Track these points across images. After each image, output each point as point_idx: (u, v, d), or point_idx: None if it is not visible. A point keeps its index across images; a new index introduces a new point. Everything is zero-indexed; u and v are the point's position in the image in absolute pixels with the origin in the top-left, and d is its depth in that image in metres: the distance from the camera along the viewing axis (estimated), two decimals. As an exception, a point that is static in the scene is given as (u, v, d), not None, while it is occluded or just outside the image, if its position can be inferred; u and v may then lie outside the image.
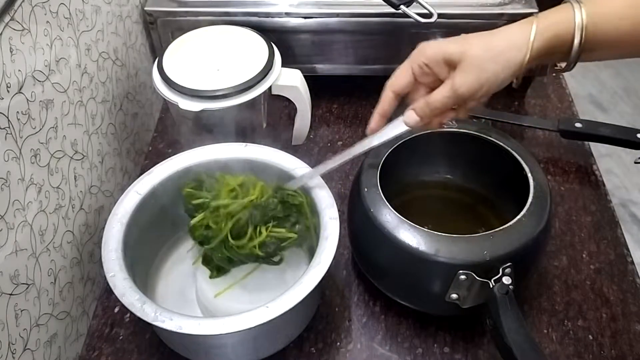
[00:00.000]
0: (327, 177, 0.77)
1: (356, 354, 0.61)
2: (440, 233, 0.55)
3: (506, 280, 0.52)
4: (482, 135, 0.63)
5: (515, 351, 0.49)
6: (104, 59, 0.71)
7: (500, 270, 0.53)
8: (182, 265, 0.65)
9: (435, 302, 0.58)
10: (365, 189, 0.59)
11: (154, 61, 0.70)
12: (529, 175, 0.59)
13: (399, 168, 0.64)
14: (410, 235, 0.55)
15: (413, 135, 0.63)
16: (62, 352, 0.61)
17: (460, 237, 0.54)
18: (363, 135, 0.82)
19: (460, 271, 0.53)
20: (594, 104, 2.04)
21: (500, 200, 0.67)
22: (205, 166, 0.63)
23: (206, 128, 0.70)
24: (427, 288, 0.57)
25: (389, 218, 0.56)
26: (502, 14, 0.76)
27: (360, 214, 0.59)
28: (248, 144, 0.64)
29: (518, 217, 0.56)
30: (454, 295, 0.55)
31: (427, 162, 0.69)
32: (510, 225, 0.55)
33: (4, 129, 0.50)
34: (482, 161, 0.65)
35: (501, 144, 0.63)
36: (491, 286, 0.52)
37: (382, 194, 0.58)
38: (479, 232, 0.55)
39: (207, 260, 0.60)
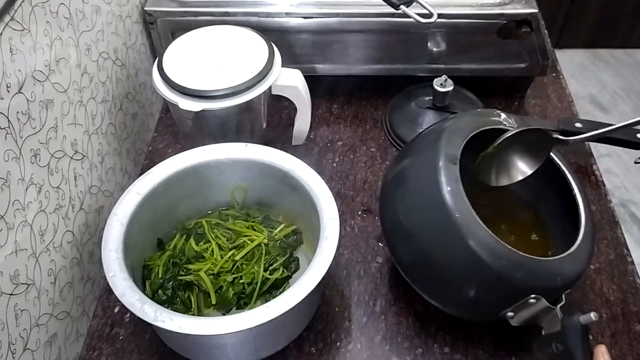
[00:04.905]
0: (327, 177, 0.77)
1: (356, 354, 0.61)
2: (523, 254, 0.51)
3: (594, 316, 0.51)
4: None
5: None
6: (104, 59, 0.71)
7: (563, 296, 0.52)
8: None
9: (485, 314, 0.57)
10: (449, 189, 0.52)
11: (154, 61, 0.70)
12: (578, 194, 0.58)
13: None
14: (494, 252, 0.51)
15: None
16: (62, 352, 0.61)
17: (537, 260, 0.52)
18: (363, 136, 0.83)
19: (532, 295, 0.52)
20: (594, 104, 2.04)
21: (542, 207, 0.65)
22: (205, 167, 0.64)
23: (206, 128, 0.70)
24: (487, 303, 0.55)
25: (474, 228, 0.51)
26: (502, 14, 0.76)
27: (436, 214, 0.53)
28: (248, 144, 0.64)
29: (578, 242, 0.54)
30: (510, 314, 0.53)
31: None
32: (574, 250, 0.54)
33: (4, 129, 0.50)
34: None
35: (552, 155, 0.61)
36: (560, 315, 0.51)
37: (467, 199, 0.52)
38: (548, 253, 0.54)
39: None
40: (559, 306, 0.52)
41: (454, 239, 0.51)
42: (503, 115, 0.59)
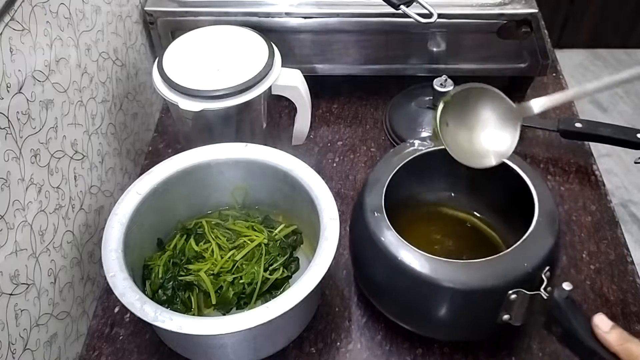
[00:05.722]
0: (327, 177, 0.77)
1: (356, 354, 0.61)
2: (478, 260, 0.52)
3: (566, 286, 0.50)
4: None
5: (601, 352, 0.47)
6: (104, 59, 0.71)
7: (543, 276, 0.52)
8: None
9: (483, 330, 0.57)
10: (382, 239, 0.55)
11: (154, 61, 0.70)
12: (524, 176, 0.58)
13: (399, 186, 0.61)
14: (452, 276, 0.52)
15: (415, 155, 0.62)
16: (62, 352, 0.61)
17: (495, 258, 0.52)
18: (363, 136, 0.83)
19: (510, 291, 0.51)
20: (594, 104, 2.04)
21: (489, 209, 0.66)
22: (205, 167, 0.64)
23: (206, 128, 0.70)
24: (477, 319, 0.55)
25: (421, 262, 0.53)
26: (502, 14, 0.76)
27: (380, 258, 0.55)
28: (248, 144, 0.64)
29: (535, 220, 0.54)
30: (506, 317, 0.53)
31: (425, 179, 0.66)
32: (532, 230, 0.54)
33: (4, 129, 0.50)
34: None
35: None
36: (545, 297, 0.51)
37: (404, 240, 0.54)
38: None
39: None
40: (542, 288, 0.51)
41: (411, 280, 0.53)
42: (417, 142, 0.62)
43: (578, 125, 0.76)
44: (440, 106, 0.59)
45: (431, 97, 0.80)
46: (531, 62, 0.81)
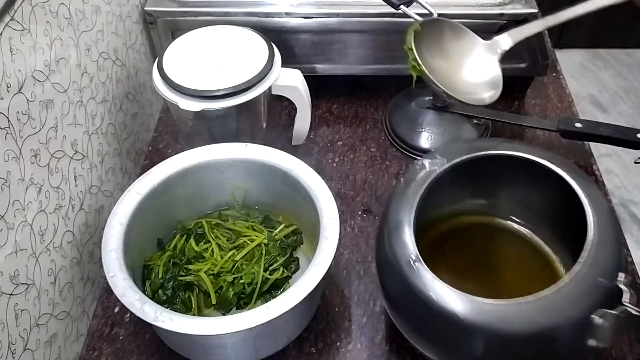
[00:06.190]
0: (327, 177, 0.77)
1: (356, 354, 0.61)
2: (546, 291, 0.45)
3: None
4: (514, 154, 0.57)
5: None
6: (104, 59, 0.71)
7: (621, 287, 0.46)
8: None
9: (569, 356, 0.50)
10: (426, 292, 0.48)
11: (154, 61, 0.70)
12: (566, 176, 0.54)
13: (424, 212, 0.54)
14: (522, 318, 0.46)
15: (431, 180, 0.55)
16: (62, 352, 0.61)
17: (569, 280, 0.46)
18: (363, 136, 0.83)
19: (592, 315, 0.46)
20: (594, 104, 2.04)
21: (525, 214, 0.62)
22: (205, 167, 0.64)
23: (206, 128, 0.70)
24: (563, 354, 0.48)
25: (482, 311, 0.46)
26: (502, 14, 0.76)
27: (430, 312, 0.48)
28: (248, 144, 0.64)
29: (594, 225, 0.49)
30: (592, 342, 0.47)
31: (448, 196, 0.61)
32: (598, 237, 0.49)
33: (4, 129, 0.50)
34: (515, 180, 0.60)
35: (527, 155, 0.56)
36: (634, 311, 0.45)
37: (463, 293, 0.47)
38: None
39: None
40: (629, 304, 0.46)
41: (476, 333, 0.47)
42: (427, 162, 0.56)
43: (578, 125, 0.76)
44: (411, 35, 0.57)
45: (431, 97, 0.80)
46: (531, 62, 0.81)
